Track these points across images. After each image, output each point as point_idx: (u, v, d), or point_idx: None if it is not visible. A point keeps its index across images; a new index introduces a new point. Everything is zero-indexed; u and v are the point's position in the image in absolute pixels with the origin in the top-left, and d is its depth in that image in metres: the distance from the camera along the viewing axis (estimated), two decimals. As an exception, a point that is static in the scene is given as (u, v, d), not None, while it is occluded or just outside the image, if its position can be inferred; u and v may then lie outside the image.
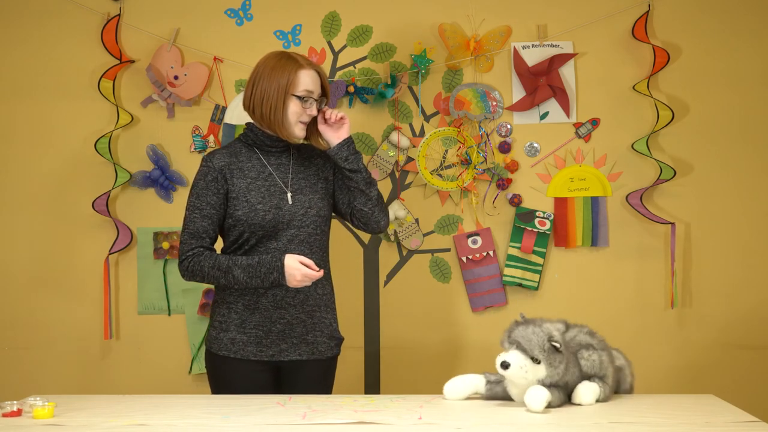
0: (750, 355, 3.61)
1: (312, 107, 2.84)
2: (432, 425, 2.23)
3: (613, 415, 2.31)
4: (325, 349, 2.90)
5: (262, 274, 2.75)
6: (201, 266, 2.78)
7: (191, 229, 2.81)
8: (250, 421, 2.29)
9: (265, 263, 2.74)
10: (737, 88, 3.61)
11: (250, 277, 2.75)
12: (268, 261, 2.75)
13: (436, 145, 3.66)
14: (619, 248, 3.63)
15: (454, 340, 3.65)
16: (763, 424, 2.19)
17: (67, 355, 3.70)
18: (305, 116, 2.84)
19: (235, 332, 2.83)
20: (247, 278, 2.75)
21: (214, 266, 2.77)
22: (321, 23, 3.67)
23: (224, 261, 2.77)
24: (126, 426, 2.25)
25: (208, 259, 2.78)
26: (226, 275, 2.77)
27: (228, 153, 2.87)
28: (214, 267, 2.77)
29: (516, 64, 3.63)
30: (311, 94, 2.83)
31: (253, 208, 2.79)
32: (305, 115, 2.84)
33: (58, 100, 3.70)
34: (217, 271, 2.77)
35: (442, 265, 3.67)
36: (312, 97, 2.84)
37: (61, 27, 3.69)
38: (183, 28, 3.68)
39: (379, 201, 2.94)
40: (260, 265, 2.75)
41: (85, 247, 3.68)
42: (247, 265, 2.76)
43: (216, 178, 2.81)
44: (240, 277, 2.76)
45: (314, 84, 2.84)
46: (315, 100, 2.85)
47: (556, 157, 3.65)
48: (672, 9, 3.61)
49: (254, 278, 2.75)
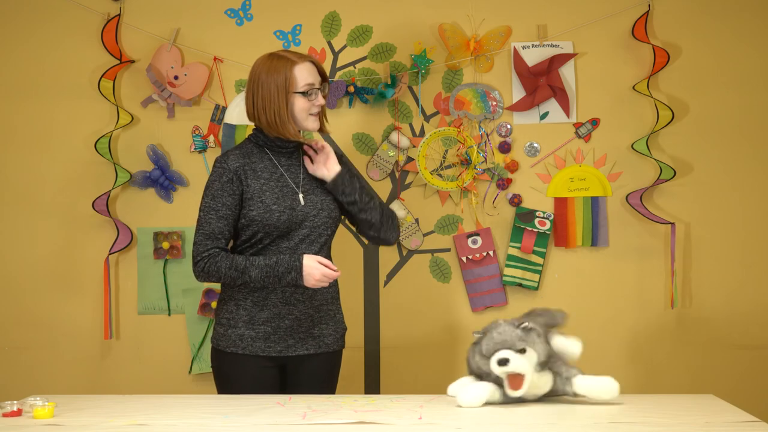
0: (750, 355, 3.61)
1: (318, 97, 2.85)
2: (432, 425, 2.23)
3: (613, 415, 2.31)
4: (331, 342, 2.91)
5: (279, 274, 2.75)
6: (218, 267, 2.78)
7: (207, 230, 2.80)
8: (250, 421, 2.30)
9: (283, 263, 2.76)
10: (737, 88, 3.61)
11: (267, 276, 2.76)
12: (287, 261, 2.76)
13: (436, 145, 3.66)
14: (619, 248, 3.63)
15: (454, 340, 3.65)
16: (763, 424, 2.19)
17: (67, 355, 3.70)
18: (314, 108, 2.85)
19: (243, 328, 2.83)
20: (264, 278, 2.76)
21: (231, 267, 2.78)
22: (321, 23, 3.67)
23: (241, 261, 2.78)
24: (126, 426, 2.25)
25: (225, 260, 2.78)
26: (242, 275, 2.77)
27: (241, 154, 2.87)
28: (231, 267, 2.78)
29: (516, 64, 3.63)
30: (313, 85, 2.83)
31: (268, 209, 2.80)
32: (314, 107, 2.85)
33: (58, 100, 3.70)
34: (234, 272, 2.77)
35: (442, 265, 3.67)
36: (315, 87, 2.84)
37: (61, 27, 3.69)
38: (183, 28, 3.68)
39: (384, 219, 2.92)
40: (278, 265, 2.76)
41: (85, 247, 3.68)
42: (264, 265, 2.76)
43: (231, 180, 2.82)
44: (257, 277, 2.77)
45: (312, 75, 2.84)
46: (318, 89, 2.85)
47: (556, 157, 3.65)
48: (672, 9, 3.61)
49: (271, 277, 2.76)
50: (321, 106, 2.87)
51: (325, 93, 2.90)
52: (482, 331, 2.44)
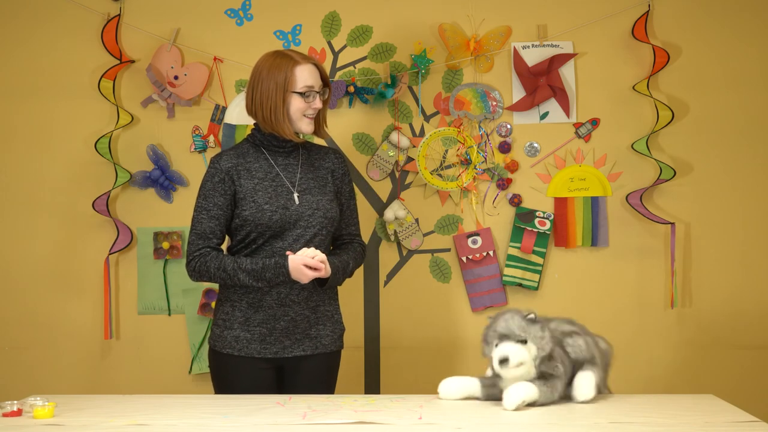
0: (750, 355, 3.61)
1: (315, 100, 2.85)
2: (432, 425, 2.23)
3: (613, 415, 2.31)
4: (328, 342, 2.91)
5: (267, 278, 2.78)
6: (207, 267, 2.81)
7: (198, 229, 2.83)
8: (250, 421, 2.30)
9: (269, 268, 2.76)
10: (737, 88, 3.61)
11: (255, 280, 2.78)
12: (272, 266, 2.76)
13: (436, 145, 3.66)
14: (619, 248, 3.63)
15: (454, 340, 3.65)
16: (763, 424, 2.19)
17: (67, 355, 3.70)
18: (310, 110, 2.85)
19: (239, 330, 2.83)
20: (252, 281, 2.78)
21: (219, 268, 2.80)
22: (321, 23, 3.67)
23: (229, 263, 2.79)
24: (126, 426, 2.25)
25: (214, 260, 2.80)
26: (230, 278, 2.80)
27: (235, 154, 2.88)
28: (219, 269, 2.80)
29: (516, 64, 3.63)
30: (312, 88, 2.83)
31: (260, 209, 2.80)
32: (310, 109, 2.85)
33: (58, 100, 3.70)
34: (222, 273, 2.80)
35: (442, 265, 3.67)
36: (314, 90, 2.84)
37: (61, 27, 3.69)
38: (183, 28, 3.68)
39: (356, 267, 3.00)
40: (265, 270, 2.77)
41: (85, 247, 3.68)
42: (251, 270, 2.78)
43: (223, 180, 2.83)
44: (245, 281, 2.79)
45: (313, 77, 2.84)
46: (317, 93, 2.85)
47: (556, 157, 3.65)
48: (672, 9, 3.61)
49: (260, 281, 2.78)
50: (317, 109, 2.87)
51: (326, 98, 2.90)
52: (494, 317, 2.46)
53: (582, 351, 2.47)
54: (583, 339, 2.49)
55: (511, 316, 2.40)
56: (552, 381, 2.39)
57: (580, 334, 2.51)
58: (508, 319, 2.40)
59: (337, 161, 2.97)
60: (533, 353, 2.37)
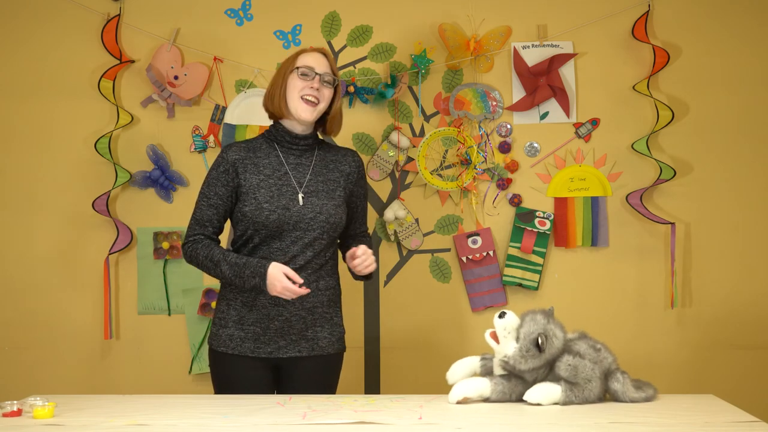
0: (750, 355, 3.61)
1: (314, 81, 2.81)
2: (432, 425, 2.23)
3: (613, 415, 2.31)
4: (326, 345, 2.89)
5: (245, 276, 2.75)
6: (197, 254, 2.83)
7: (197, 215, 2.86)
8: (250, 421, 2.30)
9: (251, 266, 2.75)
10: (737, 88, 3.61)
11: (235, 275, 2.77)
12: (254, 264, 2.75)
13: (436, 145, 3.66)
14: (619, 248, 3.63)
15: (454, 340, 3.65)
16: (763, 424, 2.19)
17: (67, 355, 3.70)
18: (307, 90, 2.81)
19: (233, 329, 2.83)
20: (233, 276, 2.77)
21: (207, 257, 2.81)
22: (321, 23, 3.67)
23: (217, 254, 2.80)
24: (126, 426, 2.25)
25: (205, 248, 2.82)
26: (215, 268, 2.80)
27: (246, 147, 2.88)
28: (207, 257, 2.81)
29: (516, 64, 3.63)
30: (312, 69, 2.83)
31: (259, 206, 2.79)
32: (307, 89, 2.81)
33: (58, 100, 3.70)
34: (209, 262, 2.80)
35: (442, 265, 3.67)
36: (315, 72, 2.82)
37: (61, 27, 3.69)
38: (183, 28, 3.68)
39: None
40: (246, 267, 2.75)
41: (85, 247, 3.68)
42: (234, 263, 2.77)
43: (227, 170, 2.83)
44: (226, 273, 2.78)
45: (316, 62, 2.84)
46: (318, 74, 2.82)
47: (556, 157, 3.65)
48: (672, 9, 3.62)
49: (238, 278, 2.76)
50: (317, 95, 2.81)
51: (335, 86, 2.86)
52: (548, 311, 2.50)
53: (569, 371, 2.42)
54: (583, 364, 2.43)
55: (537, 321, 2.43)
56: (577, 386, 2.41)
57: (584, 359, 2.44)
58: (532, 320, 2.44)
59: (355, 164, 2.95)
60: (509, 351, 2.41)
